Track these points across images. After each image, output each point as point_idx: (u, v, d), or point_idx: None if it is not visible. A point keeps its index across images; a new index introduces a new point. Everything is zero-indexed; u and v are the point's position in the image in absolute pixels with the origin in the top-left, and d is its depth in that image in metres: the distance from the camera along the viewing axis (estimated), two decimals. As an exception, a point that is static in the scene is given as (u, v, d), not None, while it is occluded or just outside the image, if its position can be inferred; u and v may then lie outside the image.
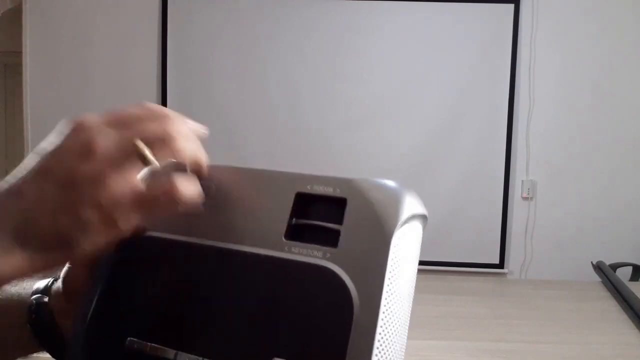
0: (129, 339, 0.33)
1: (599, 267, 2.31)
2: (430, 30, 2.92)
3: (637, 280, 2.60)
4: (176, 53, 3.03)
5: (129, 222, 0.31)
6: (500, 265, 2.95)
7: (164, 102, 3.04)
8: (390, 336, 0.29)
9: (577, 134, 2.89)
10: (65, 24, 3.05)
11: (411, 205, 0.32)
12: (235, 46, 3.00)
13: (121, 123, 0.31)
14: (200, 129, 0.34)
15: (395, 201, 0.31)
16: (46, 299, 0.42)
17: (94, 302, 0.35)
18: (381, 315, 0.28)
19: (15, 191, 0.30)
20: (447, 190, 2.93)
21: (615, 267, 2.49)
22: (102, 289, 0.36)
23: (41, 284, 0.43)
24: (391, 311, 0.29)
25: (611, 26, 2.85)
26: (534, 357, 1.38)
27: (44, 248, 0.30)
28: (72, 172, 0.30)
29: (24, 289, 0.43)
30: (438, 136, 2.94)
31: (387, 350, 0.29)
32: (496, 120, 2.92)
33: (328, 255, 0.30)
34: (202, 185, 0.34)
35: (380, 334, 0.28)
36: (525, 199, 2.93)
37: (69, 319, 0.38)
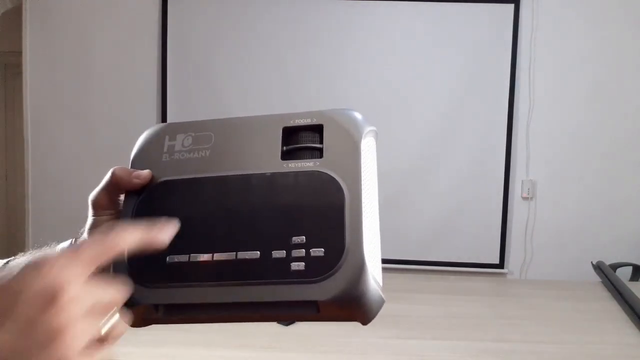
0: (169, 257, 0.39)
1: (599, 267, 2.31)
2: (430, 30, 2.92)
3: (637, 280, 2.60)
4: (176, 53, 3.03)
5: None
6: (500, 265, 2.95)
7: (164, 102, 3.04)
8: (370, 210, 0.39)
9: (577, 134, 2.89)
10: (65, 24, 3.05)
11: (367, 124, 0.44)
12: (235, 46, 3.00)
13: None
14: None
15: (357, 121, 0.43)
16: None
17: None
18: (363, 196, 0.39)
19: None
20: (447, 190, 2.93)
21: (615, 267, 2.49)
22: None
23: (65, 243, 0.46)
24: (368, 193, 0.40)
25: (611, 26, 2.85)
26: (534, 357, 1.38)
27: None
28: (32, 320, 0.30)
29: (47, 254, 0.45)
30: (438, 136, 2.93)
31: (371, 219, 0.39)
32: (496, 120, 2.92)
33: (318, 164, 0.40)
34: (202, 136, 0.44)
35: (364, 208, 0.38)
36: (525, 199, 2.93)
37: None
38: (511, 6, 2.87)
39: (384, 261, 0.38)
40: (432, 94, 2.93)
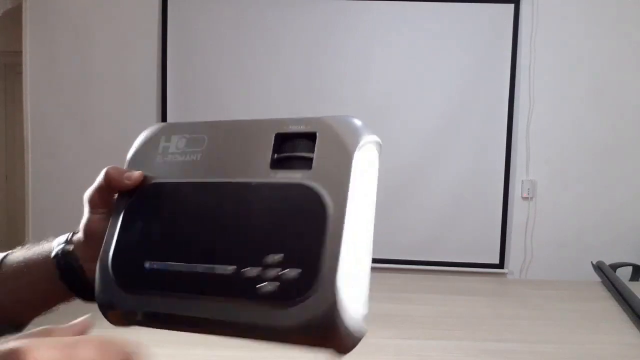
0: (148, 263, 0.38)
1: (599, 267, 2.31)
2: (431, 30, 2.92)
3: (637, 280, 2.60)
4: (176, 53, 3.03)
5: None
6: (500, 265, 2.95)
7: (164, 102, 3.04)
8: (357, 229, 0.35)
9: (577, 133, 2.89)
10: (65, 24, 3.05)
11: (367, 133, 0.39)
12: (235, 46, 3.00)
13: None
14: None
15: (354, 130, 0.39)
16: (71, 247, 0.46)
17: (115, 238, 0.41)
18: (348, 212, 0.35)
19: None
20: (447, 190, 2.93)
21: (615, 267, 2.49)
22: (120, 226, 0.41)
23: (61, 238, 0.47)
24: (357, 211, 0.36)
25: (611, 26, 2.85)
26: (534, 357, 1.38)
27: None
28: None
29: (43, 249, 0.47)
30: (438, 136, 2.94)
31: (356, 240, 0.35)
32: (496, 120, 2.92)
33: (305, 175, 0.37)
34: (195, 138, 0.42)
35: (347, 227, 0.34)
36: (525, 199, 2.93)
37: (94, 262, 0.42)
38: (511, 6, 2.87)
39: (385, 261, 0.37)
40: (432, 93, 2.93)
